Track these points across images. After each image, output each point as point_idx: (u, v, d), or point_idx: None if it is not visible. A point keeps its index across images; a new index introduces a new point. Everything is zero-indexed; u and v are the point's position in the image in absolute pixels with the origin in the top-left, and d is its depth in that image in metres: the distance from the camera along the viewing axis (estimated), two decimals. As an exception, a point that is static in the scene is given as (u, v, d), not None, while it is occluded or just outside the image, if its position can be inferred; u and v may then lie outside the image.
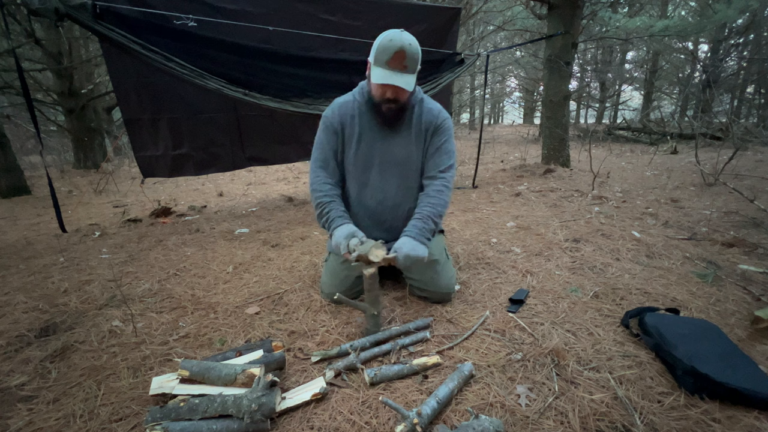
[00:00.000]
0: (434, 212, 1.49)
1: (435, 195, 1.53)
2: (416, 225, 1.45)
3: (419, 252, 1.39)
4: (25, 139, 9.32)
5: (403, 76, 1.37)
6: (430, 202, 1.51)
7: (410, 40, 1.35)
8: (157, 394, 1.08)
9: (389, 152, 1.55)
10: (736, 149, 4.24)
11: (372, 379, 1.13)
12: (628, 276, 1.84)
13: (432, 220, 1.47)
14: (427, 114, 1.55)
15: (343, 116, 1.54)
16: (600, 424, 0.99)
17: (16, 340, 1.43)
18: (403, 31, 1.37)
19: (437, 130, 1.56)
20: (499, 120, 30.29)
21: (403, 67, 1.36)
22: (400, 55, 1.33)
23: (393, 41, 1.33)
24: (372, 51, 1.39)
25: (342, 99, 1.59)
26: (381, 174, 1.58)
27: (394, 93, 1.41)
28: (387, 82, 1.36)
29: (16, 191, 4.84)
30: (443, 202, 1.52)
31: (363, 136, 1.54)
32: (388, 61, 1.34)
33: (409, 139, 1.55)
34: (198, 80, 2.59)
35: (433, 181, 1.56)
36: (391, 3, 3.57)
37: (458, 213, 3.12)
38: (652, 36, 9.80)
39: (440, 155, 1.56)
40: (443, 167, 1.56)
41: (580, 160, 6.00)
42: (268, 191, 4.64)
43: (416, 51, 1.36)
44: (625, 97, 19.09)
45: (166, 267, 2.13)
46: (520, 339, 1.36)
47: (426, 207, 1.50)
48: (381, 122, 1.52)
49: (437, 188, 1.54)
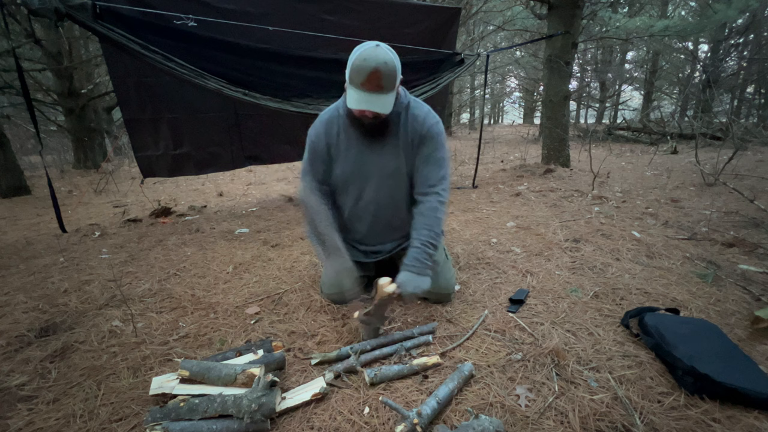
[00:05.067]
0: (431, 235, 1.42)
1: (429, 214, 1.44)
2: (416, 257, 1.39)
3: (423, 286, 1.36)
4: (25, 139, 9.32)
5: (380, 98, 1.28)
6: (426, 223, 1.43)
7: (386, 57, 1.24)
8: (157, 394, 1.09)
9: (379, 165, 1.49)
10: (736, 149, 4.24)
11: (372, 380, 1.13)
12: (628, 276, 1.84)
13: (430, 244, 1.42)
14: (413, 122, 1.45)
15: (328, 134, 1.49)
16: (600, 424, 0.99)
17: (16, 340, 1.43)
18: (378, 46, 1.27)
19: (424, 139, 1.45)
20: (499, 120, 30.31)
21: (380, 87, 1.26)
22: (375, 76, 1.23)
23: (366, 61, 1.23)
24: (347, 68, 1.30)
25: (326, 115, 1.52)
26: (373, 187, 1.53)
27: (373, 113, 1.33)
28: (362, 108, 1.29)
29: (16, 191, 4.84)
30: (438, 221, 1.45)
31: (351, 151, 1.49)
32: (362, 83, 1.25)
33: (397, 149, 1.48)
34: (198, 80, 2.59)
35: (427, 197, 1.47)
36: (390, 3, 3.56)
37: (458, 213, 3.12)
38: (652, 36, 9.81)
39: (430, 167, 1.47)
40: (434, 180, 1.47)
41: (580, 160, 5.99)
42: (268, 191, 4.64)
43: (393, 69, 1.26)
44: (625, 97, 19.11)
45: (166, 267, 2.13)
46: (520, 339, 1.36)
47: (423, 231, 1.42)
48: (366, 134, 1.46)
49: (431, 205, 1.45)
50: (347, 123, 1.46)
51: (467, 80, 18.87)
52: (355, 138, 1.48)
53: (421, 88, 3.52)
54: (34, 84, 7.04)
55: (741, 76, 13.75)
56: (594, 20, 8.94)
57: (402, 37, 3.41)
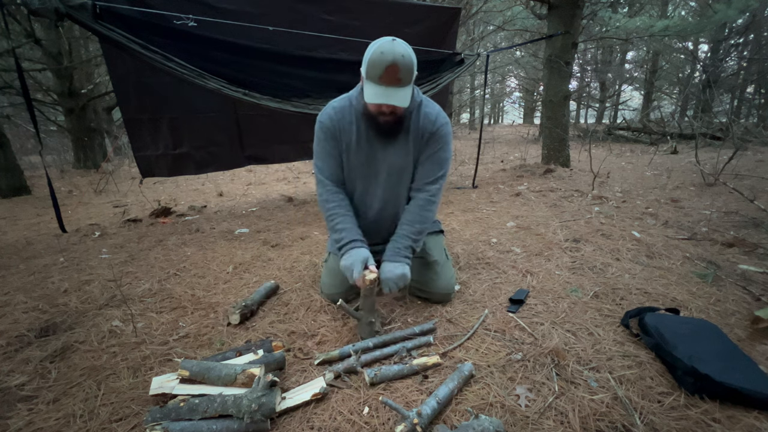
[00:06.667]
0: (412, 230, 1.47)
1: (415, 211, 1.49)
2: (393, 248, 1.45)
3: (396, 271, 1.39)
4: (25, 139, 9.32)
5: (398, 92, 1.28)
6: (410, 219, 1.49)
7: (403, 50, 1.24)
8: (157, 394, 1.09)
9: (388, 160, 1.50)
10: (736, 149, 4.25)
11: (372, 380, 1.13)
12: (628, 276, 1.84)
13: (409, 238, 1.46)
14: (424, 119, 1.47)
15: (341, 122, 1.48)
16: (600, 424, 0.99)
17: (16, 340, 1.43)
18: (395, 40, 1.26)
19: (432, 137, 1.47)
20: (499, 120, 30.29)
21: (398, 80, 1.26)
22: (392, 69, 1.23)
23: (384, 54, 1.23)
24: (363, 63, 1.30)
25: (338, 103, 1.49)
26: (381, 182, 1.53)
27: (391, 107, 1.33)
28: (381, 102, 1.29)
29: (16, 191, 4.84)
30: (423, 218, 1.48)
31: (361, 144, 1.48)
32: (380, 77, 1.25)
33: (407, 146, 1.49)
34: (198, 80, 2.59)
35: (419, 194, 1.51)
36: (391, 3, 3.56)
37: (458, 213, 3.12)
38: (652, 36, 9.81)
39: (431, 164, 1.49)
40: (431, 178, 1.50)
41: (580, 160, 5.99)
42: (268, 191, 4.64)
43: (410, 62, 1.26)
44: (625, 97, 19.11)
45: (166, 267, 2.13)
46: (520, 339, 1.36)
47: (405, 226, 1.48)
48: (378, 130, 1.46)
49: (421, 203, 1.49)
50: (360, 117, 1.46)
51: (467, 80, 18.85)
52: (366, 133, 1.47)
53: (422, 88, 3.52)
54: (34, 84, 7.05)
55: (741, 76, 13.75)
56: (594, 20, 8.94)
57: (402, 37, 3.36)
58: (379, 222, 1.62)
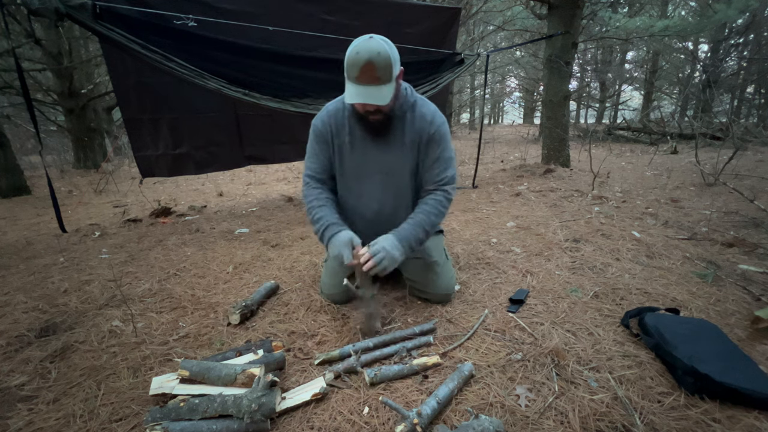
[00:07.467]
0: (427, 221, 1.43)
1: (432, 203, 1.46)
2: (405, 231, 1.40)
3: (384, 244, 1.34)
4: (25, 139, 9.32)
5: (377, 90, 1.26)
6: (425, 210, 1.45)
7: (380, 48, 1.22)
8: (157, 394, 1.09)
9: (383, 162, 1.49)
10: (736, 149, 4.24)
11: (372, 380, 1.13)
12: (628, 276, 1.84)
13: (423, 229, 1.42)
14: (420, 121, 1.45)
15: (334, 125, 1.48)
16: (600, 424, 0.99)
17: (16, 340, 1.43)
18: (372, 38, 1.25)
19: (431, 140, 1.45)
20: (499, 120, 30.30)
21: (376, 79, 1.24)
22: (368, 67, 1.22)
23: (360, 54, 1.21)
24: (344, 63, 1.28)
25: (332, 106, 1.50)
26: (376, 184, 1.52)
27: (373, 107, 1.32)
28: (359, 101, 1.28)
29: (16, 191, 4.84)
30: (439, 212, 1.46)
31: (355, 146, 1.48)
32: (357, 77, 1.24)
33: (403, 148, 1.48)
34: (198, 80, 2.59)
35: (435, 192, 1.49)
36: (391, 3, 3.57)
37: (458, 213, 3.12)
38: (652, 36, 9.81)
39: (440, 166, 1.48)
40: (444, 179, 1.48)
41: (580, 160, 5.99)
42: (268, 191, 4.64)
43: (387, 59, 1.23)
44: (625, 97, 19.11)
45: (166, 267, 2.13)
46: (520, 339, 1.36)
47: (419, 215, 1.44)
48: (371, 132, 1.45)
49: (438, 198, 1.47)
50: (353, 119, 1.46)
51: (467, 80, 18.86)
52: (359, 134, 1.47)
53: (422, 88, 3.52)
54: (34, 84, 7.05)
55: (741, 76, 13.75)
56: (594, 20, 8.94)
57: (402, 37, 3.40)
58: (378, 223, 1.61)
